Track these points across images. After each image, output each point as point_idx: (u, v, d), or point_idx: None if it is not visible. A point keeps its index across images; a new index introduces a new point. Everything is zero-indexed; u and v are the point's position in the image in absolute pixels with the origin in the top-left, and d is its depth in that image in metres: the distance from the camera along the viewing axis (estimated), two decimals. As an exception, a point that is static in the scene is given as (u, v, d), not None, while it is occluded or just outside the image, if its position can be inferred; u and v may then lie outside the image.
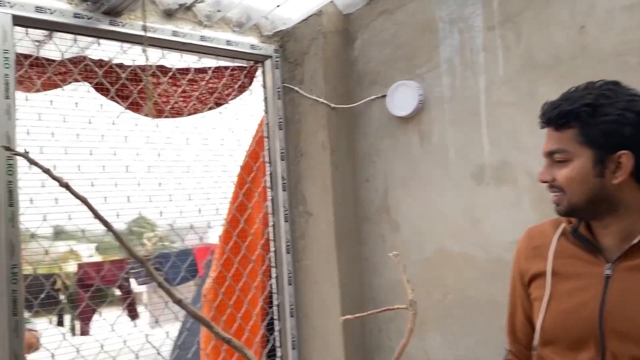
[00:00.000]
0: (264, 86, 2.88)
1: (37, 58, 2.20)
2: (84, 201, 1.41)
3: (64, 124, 2.18)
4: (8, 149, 1.41)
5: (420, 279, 2.46)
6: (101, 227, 1.31)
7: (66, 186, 1.44)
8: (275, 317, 2.85)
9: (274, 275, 2.86)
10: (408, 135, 2.57)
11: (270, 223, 2.86)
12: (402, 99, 2.52)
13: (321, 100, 2.71)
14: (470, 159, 2.34)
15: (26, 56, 2.16)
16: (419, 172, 2.54)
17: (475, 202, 2.32)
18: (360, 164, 2.78)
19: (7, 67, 2.03)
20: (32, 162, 1.46)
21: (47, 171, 1.45)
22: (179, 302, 1.26)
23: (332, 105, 2.72)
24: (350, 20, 2.81)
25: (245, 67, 2.86)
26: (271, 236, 2.86)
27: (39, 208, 2.11)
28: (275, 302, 2.85)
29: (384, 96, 2.61)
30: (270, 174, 2.87)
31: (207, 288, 2.71)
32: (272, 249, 2.87)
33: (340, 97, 2.76)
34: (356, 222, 2.79)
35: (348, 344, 2.66)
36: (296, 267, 2.85)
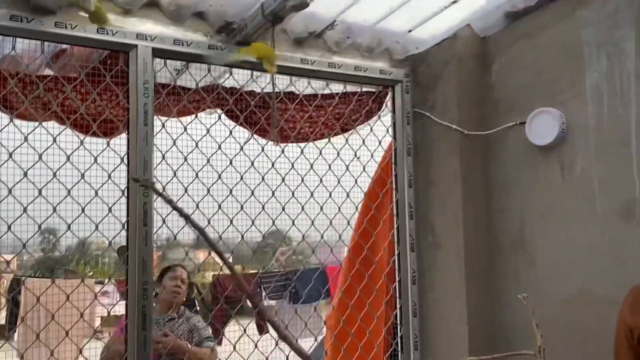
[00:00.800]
0: (393, 111, 2.80)
1: (173, 87, 2.30)
2: (202, 232, 1.43)
3: (196, 149, 2.26)
4: (137, 180, 1.48)
5: (558, 321, 2.29)
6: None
7: (186, 217, 1.48)
8: (399, 349, 2.76)
9: (398, 306, 2.77)
10: (548, 165, 2.41)
11: (396, 252, 2.77)
12: (542, 127, 2.38)
13: (454, 126, 2.61)
14: (618, 194, 2.16)
15: (164, 85, 2.28)
16: (560, 205, 2.37)
17: (623, 241, 2.14)
18: (495, 194, 2.64)
19: (146, 97, 2.14)
20: (157, 194, 1.50)
21: (169, 202, 1.50)
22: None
23: (466, 131, 2.60)
24: (487, 43, 2.67)
25: (373, 92, 2.81)
26: (396, 266, 2.77)
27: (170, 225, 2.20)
28: (398, 334, 2.76)
29: (523, 123, 2.46)
30: (397, 201, 2.78)
31: (328, 315, 2.69)
32: (397, 279, 2.78)
33: (474, 123, 2.63)
34: (488, 255, 2.64)
35: (475, 384, 2.51)
36: (422, 299, 2.74)
